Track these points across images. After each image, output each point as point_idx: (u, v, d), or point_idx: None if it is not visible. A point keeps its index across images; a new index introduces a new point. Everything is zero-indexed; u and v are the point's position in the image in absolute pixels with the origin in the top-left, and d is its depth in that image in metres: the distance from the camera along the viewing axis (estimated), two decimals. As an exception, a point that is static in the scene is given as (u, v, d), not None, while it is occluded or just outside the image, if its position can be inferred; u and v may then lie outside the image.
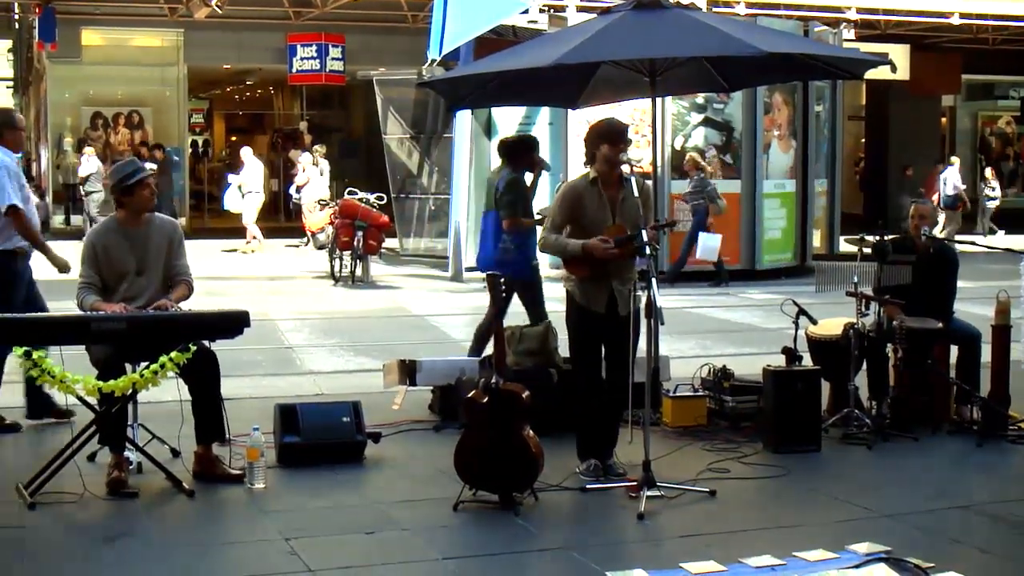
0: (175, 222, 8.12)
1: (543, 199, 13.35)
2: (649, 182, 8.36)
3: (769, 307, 14.67)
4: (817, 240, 22.50)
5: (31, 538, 6.39)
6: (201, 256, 22.45)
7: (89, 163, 26.22)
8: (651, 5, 8.28)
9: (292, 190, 25.62)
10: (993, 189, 30.17)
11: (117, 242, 7.63)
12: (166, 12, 27.63)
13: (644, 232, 7.19)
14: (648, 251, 7.10)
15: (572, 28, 10.35)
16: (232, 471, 7.52)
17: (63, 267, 8.83)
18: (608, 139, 7.58)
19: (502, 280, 7.28)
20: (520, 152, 10.11)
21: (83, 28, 28.13)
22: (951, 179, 29.17)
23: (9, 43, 41.03)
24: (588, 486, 7.37)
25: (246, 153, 25.55)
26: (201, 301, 8.76)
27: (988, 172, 30.93)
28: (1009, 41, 31.93)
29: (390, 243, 22.25)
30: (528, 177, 10.11)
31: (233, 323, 7.41)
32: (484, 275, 7.61)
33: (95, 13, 27.78)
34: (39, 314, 8.11)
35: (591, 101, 9.76)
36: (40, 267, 8.98)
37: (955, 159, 30.77)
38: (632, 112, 16.96)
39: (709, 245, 18.77)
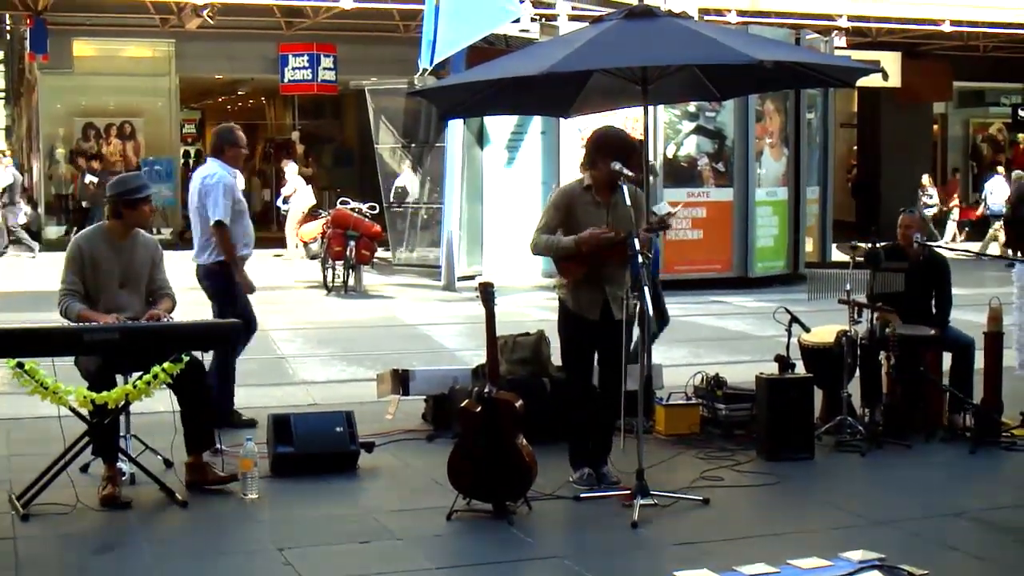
0: (156, 240, 8.17)
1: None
2: (640, 191, 8.35)
3: (762, 315, 14.68)
4: (809, 247, 22.50)
5: (24, 549, 6.37)
6: (191, 266, 22.42)
7: (5, 174, 26.14)
8: (643, 14, 8.31)
9: (279, 201, 25.61)
10: (931, 197, 29.50)
11: (105, 251, 7.62)
12: (158, 23, 27.62)
13: (636, 240, 7.18)
14: (640, 259, 7.09)
15: (564, 37, 10.37)
16: (224, 474, 7.52)
17: (250, 289, 9.29)
18: (621, 155, 7.53)
19: (494, 289, 7.26)
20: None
21: (74, 39, 28.10)
22: (998, 189, 27.67)
23: (0, 54, 41.04)
24: (582, 495, 7.36)
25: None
26: (193, 311, 8.77)
27: (925, 179, 30.11)
28: (1000, 48, 32.02)
29: (382, 253, 22.24)
30: None
31: (226, 334, 7.40)
32: (477, 284, 7.60)
33: (87, 24, 27.77)
34: (31, 326, 8.09)
35: (583, 110, 9.76)
36: (31, 276, 8.97)
37: (1001, 168, 30.28)
38: (624, 121, 16.97)
39: None
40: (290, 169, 25.58)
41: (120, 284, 7.63)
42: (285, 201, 25.16)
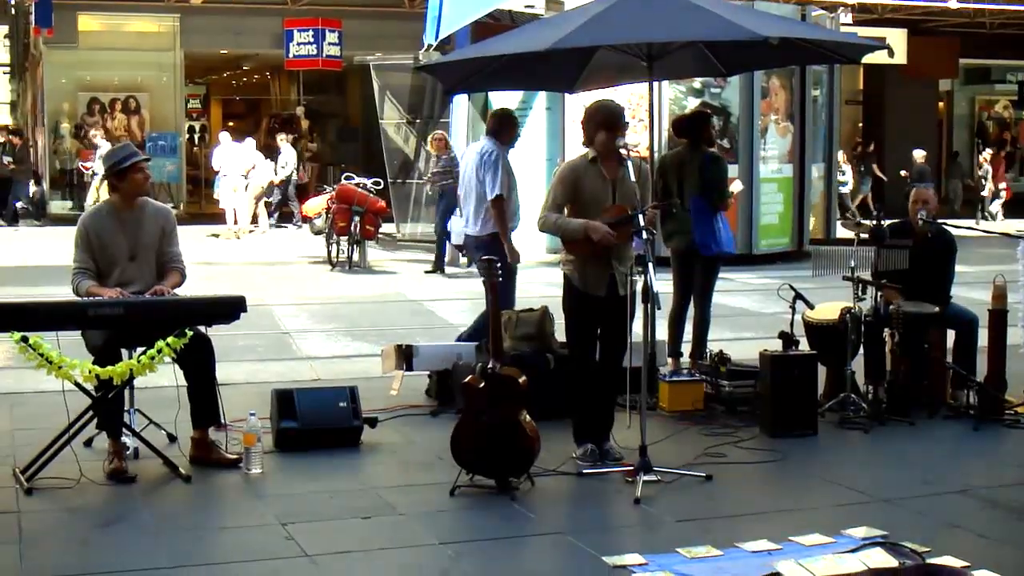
0: (169, 210, 8.11)
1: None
2: (647, 165, 8.35)
3: (766, 292, 14.67)
4: (814, 225, 22.48)
5: (28, 523, 6.39)
6: (196, 241, 22.45)
7: None
8: (648, -12, 8.25)
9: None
10: (844, 174, 29.01)
11: (110, 226, 7.60)
12: (163, -3, 27.61)
13: (641, 215, 7.17)
14: (645, 235, 7.08)
15: (569, 12, 10.32)
16: (228, 455, 7.53)
17: (516, 260, 9.75)
18: (605, 125, 7.56)
19: (499, 265, 7.26)
20: (699, 127, 9.96)
21: (79, 13, 28.07)
22: None
23: (5, 29, 41.00)
24: (584, 471, 7.37)
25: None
26: (197, 286, 8.77)
27: (840, 157, 29.68)
28: (1007, 25, 31.90)
29: (387, 228, 22.23)
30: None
31: (230, 308, 7.40)
32: (479, 259, 7.59)
33: (92, -2, 27.77)
34: (36, 300, 8.10)
35: (588, 85, 9.74)
36: (43, 250, 8.97)
37: None
38: (629, 96, 16.93)
39: (461, 229, 18.47)
40: (248, 145, 25.60)
41: (130, 257, 7.61)
42: (245, 177, 25.05)
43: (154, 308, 7.31)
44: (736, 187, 10.75)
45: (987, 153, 29.20)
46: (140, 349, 7.27)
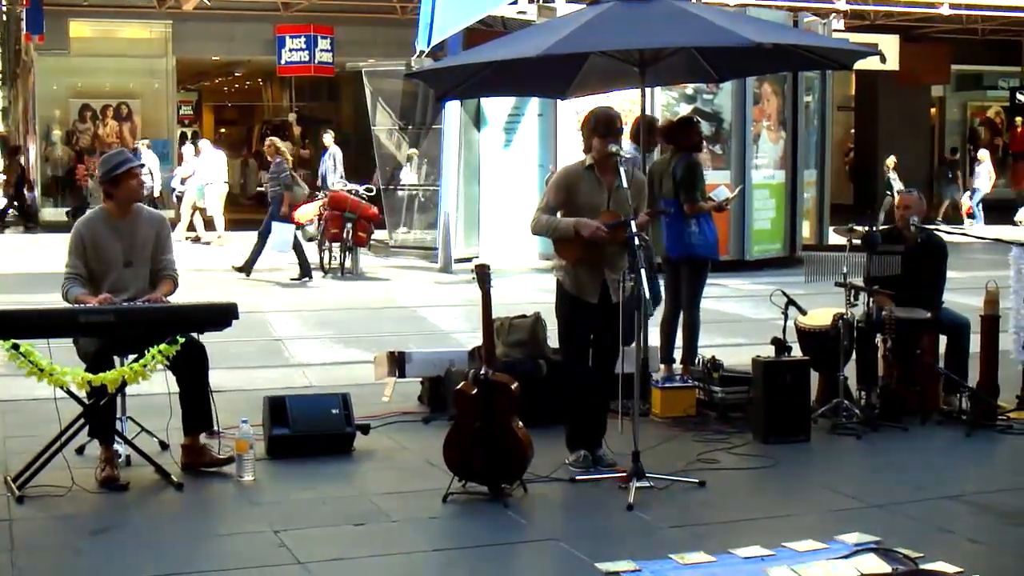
0: (163, 216, 8.11)
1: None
2: (640, 173, 8.34)
3: (758, 297, 14.65)
4: (806, 231, 22.48)
5: (20, 531, 6.37)
6: (187, 249, 22.43)
7: None
8: (640, -5, 8.26)
9: (175, 182, 25.51)
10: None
11: (105, 232, 7.59)
12: (154, 3, 27.55)
13: (633, 223, 7.16)
14: (637, 241, 7.07)
15: (561, 18, 10.34)
16: (220, 456, 7.52)
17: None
18: (599, 131, 7.56)
19: (490, 271, 7.25)
20: (683, 133, 9.97)
21: (71, 20, 28.03)
22: None
23: (-4, 35, 40.95)
24: (577, 477, 7.36)
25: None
26: (189, 293, 8.75)
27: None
28: (998, 31, 31.99)
29: (379, 235, 22.22)
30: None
31: (221, 315, 7.38)
32: (473, 266, 7.58)
33: (83, 5, 27.70)
34: (26, 307, 8.08)
35: (580, 91, 9.75)
36: (27, 258, 8.95)
37: None
38: (621, 102, 16.92)
39: (280, 237, 18.25)
40: (187, 150, 25.60)
41: (125, 263, 7.59)
42: (182, 183, 24.99)
43: (145, 315, 7.29)
44: (720, 194, 10.67)
45: (891, 160, 29.12)
46: (132, 356, 7.26)
